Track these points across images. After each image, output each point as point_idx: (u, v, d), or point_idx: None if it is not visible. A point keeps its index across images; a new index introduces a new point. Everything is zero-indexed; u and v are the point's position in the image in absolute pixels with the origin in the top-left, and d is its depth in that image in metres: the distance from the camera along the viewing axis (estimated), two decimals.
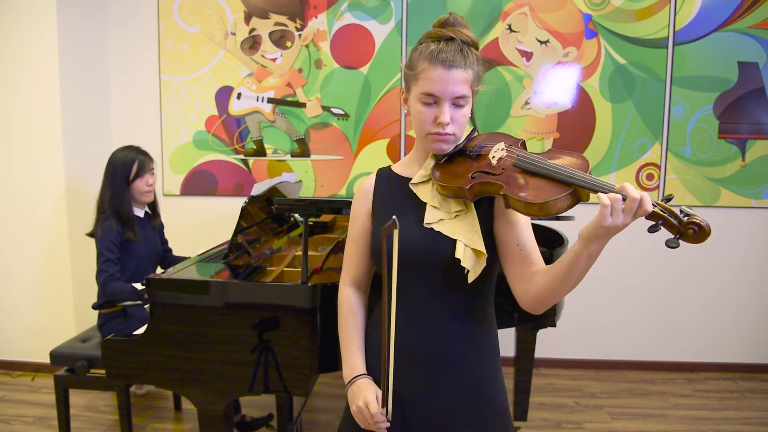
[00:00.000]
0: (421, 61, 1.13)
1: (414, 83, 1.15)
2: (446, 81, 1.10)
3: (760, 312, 3.28)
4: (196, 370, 1.74)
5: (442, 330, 1.15)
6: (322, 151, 3.32)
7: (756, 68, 3.09)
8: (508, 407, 1.25)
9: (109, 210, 2.38)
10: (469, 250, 1.10)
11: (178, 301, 1.74)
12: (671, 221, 0.92)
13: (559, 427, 2.66)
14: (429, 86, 1.11)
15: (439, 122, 1.12)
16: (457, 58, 1.11)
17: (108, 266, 2.28)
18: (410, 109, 1.18)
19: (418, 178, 1.20)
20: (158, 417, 2.72)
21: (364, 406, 1.12)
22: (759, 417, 2.77)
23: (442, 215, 1.14)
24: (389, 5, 3.18)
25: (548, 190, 1.00)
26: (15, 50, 2.98)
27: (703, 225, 0.92)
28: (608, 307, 3.34)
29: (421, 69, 1.13)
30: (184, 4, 3.26)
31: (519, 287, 1.12)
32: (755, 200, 3.18)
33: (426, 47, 1.14)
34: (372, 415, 1.11)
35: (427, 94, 1.12)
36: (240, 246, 2.15)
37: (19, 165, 3.05)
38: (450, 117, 1.12)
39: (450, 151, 1.18)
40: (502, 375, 1.25)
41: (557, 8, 3.11)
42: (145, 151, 2.50)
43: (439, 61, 1.10)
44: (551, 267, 1.05)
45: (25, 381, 3.10)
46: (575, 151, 1.14)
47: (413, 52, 1.17)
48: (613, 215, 0.90)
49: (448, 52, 1.11)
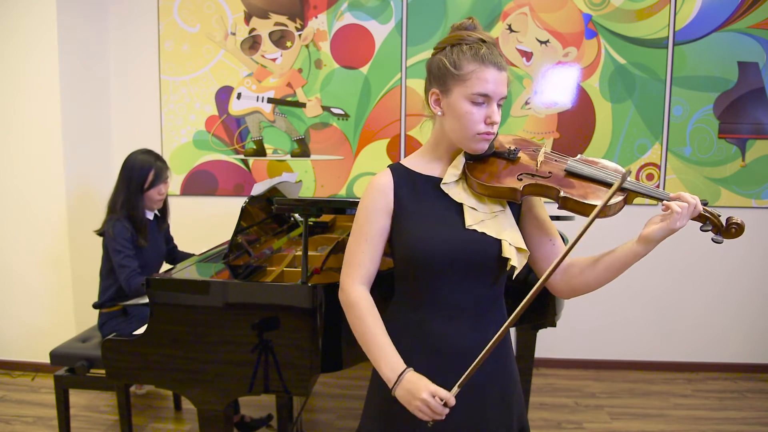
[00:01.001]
0: (470, 62, 1.15)
1: (460, 84, 1.16)
2: (498, 82, 1.15)
3: (760, 312, 3.27)
4: (196, 370, 1.74)
5: (476, 322, 1.20)
6: (322, 151, 3.32)
7: (756, 68, 3.09)
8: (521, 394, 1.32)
9: (122, 212, 2.36)
10: (514, 248, 1.16)
11: (178, 301, 1.74)
12: (716, 221, 1.10)
13: (559, 427, 2.66)
14: (482, 87, 1.14)
15: (491, 122, 1.16)
16: (502, 61, 1.18)
17: (128, 262, 2.28)
18: (452, 109, 1.18)
19: (450, 177, 1.21)
20: (158, 417, 2.72)
21: (431, 397, 1.09)
22: (759, 417, 2.77)
23: (482, 216, 1.18)
24: (389, 5, 3.18)
25: (604, 194, 1.11)
26: (15, 50, 2.98)
27: (740, 223, 1.09)
28: (608, 308, 3.34)
29: (471, 70, 1.15)
30: (184, 4, 3.26)
31: (557, 279, 1.22)
32: (755, 200, 3.18)
33: (470, 49, 1.16)
34: (445, 401, 1.10)
35: (481, 95, 1.15)
36: (240, 246, 2.15)
37: (19, 165, 3.05)
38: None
39: (488, 150, 1.22)
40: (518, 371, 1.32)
41: (557, 8, 3.12)
42: (162, 158, 2.49)
43: (492, 63, 1.15)
44: (600, 261, 1.16)
45: (25, 381, 3.10)
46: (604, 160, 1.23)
47: (451, 54, 1.18)
48: (681, 219, 1.07)
49: (495, 55, 1.16)
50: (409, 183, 1.24)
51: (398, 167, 1.27)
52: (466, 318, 1.20)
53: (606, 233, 2.61)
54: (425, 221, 1.20)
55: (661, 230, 1.09)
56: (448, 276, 1.18)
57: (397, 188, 1.24)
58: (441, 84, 1.19)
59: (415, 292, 1.23)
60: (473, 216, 1.18)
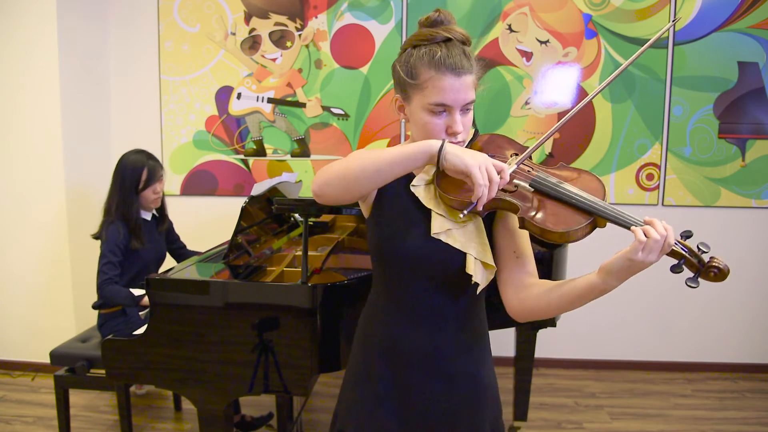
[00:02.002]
0: (426, 68, 1.05)
1: (418, 92, 1.07)
2: (458, 89, 1.04)
3: (760, 312, 3.27)
4: (196, 370, 1.74)
5: (445, 334, 1.14)
6: (322, 151, 3.32)
7: (756, 68, 3.09)
8: (501, 410, 1.24)
9: (116, 215, 2.35)
10: (479, 263, 1.07)
11: (178, 301, 1.74)
12: (692, 261, 0.93)
13: (559, 427, 2.66)
14: (440, 96, 1.04)
15: (452, 132, 1.07)
16: (464, 63, 1.05)
17: (108, 269, 2.25)
18: (413, 118, 1.10)
19: (419, 180, 1.13)
20: (158, 417, 2.72)
21: (488, 160, 0.98)
22: (759, 417, 2.77)
23: (449, 224, 1.08)
24: (389, 5, 3.18)
25: (568, 218, 0.98)
26: (15, 50, 2.98)
27: (722, 268, 0.93)
28: (608, 308, 3.33)
29: (427, 78, 1.05)
30: (184, 4, 3.26)
31: (511, 294, 1.10)
32: (755, 200, 3.18)
33: (427, 53, 1.05)
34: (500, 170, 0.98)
35: (438, 105, 1.05)
36: (240, 246, 2.15)
37: (20, 165, 3.05)
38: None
39: None
40: (495, 376, 1.24)
41: (557, 8, 3.11)
42: (155, 156, 2.48)
43: (448, 69, 1.03)
44: (557, 287, 1.02)
45: (25, 381, 3.10)
46: (586, 171, 1.08)
47: (410, 58, 1.08)
48: (644, 251, 0.89)
49: (454, 56, 1.04)
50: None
51: None
52: (427, 325, 1.13)
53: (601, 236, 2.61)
54: (394, 222, 1.13)
55: (619, 260, 0.91)
56: (412, 280, 1.12)
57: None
58: (401, 91, 1.11)
59: (383, 287, 1.19)
60: (440, 224, 1.08)
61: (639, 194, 3.18)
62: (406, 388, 1.15)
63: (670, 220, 0.96)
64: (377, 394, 1.17)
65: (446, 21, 1.11)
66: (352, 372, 1.24)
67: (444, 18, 1.11)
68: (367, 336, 1.22)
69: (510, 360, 2.76)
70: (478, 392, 1.17)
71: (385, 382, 1.16)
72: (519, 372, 2.60)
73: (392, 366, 1.16)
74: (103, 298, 2.28)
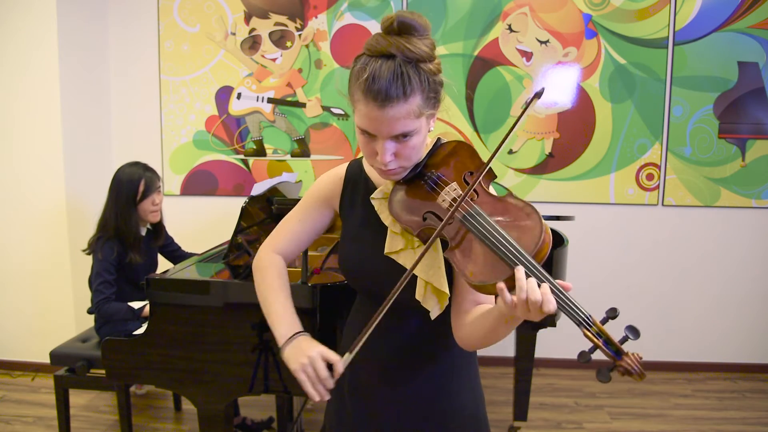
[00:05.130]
0: (354, 88, 0.92)
1: (354, 108, 0.96)
2: (380, 121, 0.90)
3: (760, 312, 3.27)
4: (196, 370, 1.74)
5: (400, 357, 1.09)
6: (322, 151, 3.32)
7: (756, 68, 3.09)
8: (484, 415, 1.17)
9: (113, 230, 2.31)
10: (431, 288, 0.98)
11: (178, 301, 1.74)
12: (606, 350, 0.82)
13: (559, 427, 2.66)
14: (363, 122, 0.92)
15: (379, 162, 0.95)
16: (393, 90, 0.87)
17: (105, 288, 2.22)
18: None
19: (378, 193, 1.05)
20: (158, 417, 2.72)
21: (319, 358, 0.95)
22: (759, 417, 2.77)
23: (402, 245, 1.00)
24: (389, 5, 3.18)
25: (489, 268, 0.86)
26: (15, 50, 2.98)
27: (633, 372, 0.81)
28: (608, 308, 3.33)
29: (356, 99, 0.92)
30: (184, 4, 3.26)
31: (454, 320, 1.02)
32: (755, 200, 3.18)
33: (360, 69, 0.90)
34: (332, 363, 0.95)
35: (362, 130, 0.94)
36: (240, 246, 2.15)
37: (20, 164, 3.05)
38: (394, 152, 0.94)
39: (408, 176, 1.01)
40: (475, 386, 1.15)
41: (557, 8, 3.11)
42: (152, 168, 2.44)
43: (371, 96, 0.88)
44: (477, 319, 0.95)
45: (25, 381, 3.10)
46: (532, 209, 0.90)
47: (352, 68, 0.95)
48: (517, 309, 0.81)
49: (382, 80, 0.87)
50: (357, 184, 1.12)
51: (356, 166, 1.15)
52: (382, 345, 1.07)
53: (601, 236, 2.61)
54: (353, 235, 1.09)
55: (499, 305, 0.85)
56: (369, 296, 1.08)
57: (346, 187, 1.13)
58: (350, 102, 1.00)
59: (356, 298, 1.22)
60: (393, 243, 1.00)
61: (639, 194, 3.18)
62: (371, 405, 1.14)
63: (670, 220, 0.95)
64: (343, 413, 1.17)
65: (403, 29, 0.90)
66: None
67: (401, 24, 0.89)
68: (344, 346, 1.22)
69: (510, 360, 2.76)
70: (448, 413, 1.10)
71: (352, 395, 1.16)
72: (519, 372, 2.60)
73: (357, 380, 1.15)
74: (102, 318, 2.27)
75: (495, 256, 0.85)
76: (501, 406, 2.81)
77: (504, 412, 2.75)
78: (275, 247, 1.17)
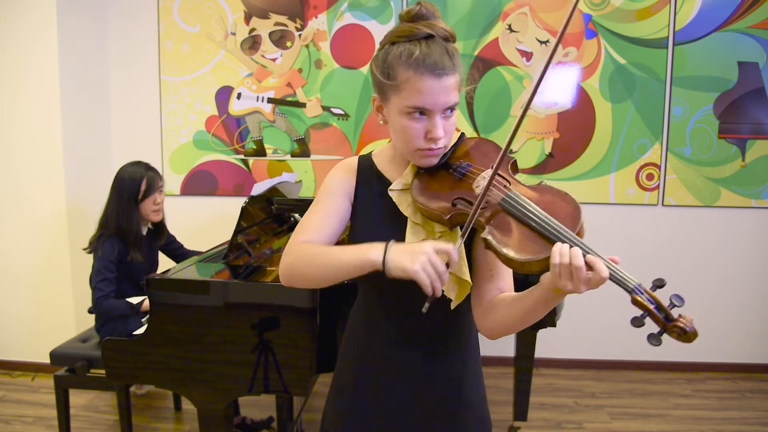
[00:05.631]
0: (403, 68, 0.96)
1: (395, 94, 0.99)
2: (437, 92, 0.95)
3: (760, 312, 3.27)
4: (196, 370, 1.74)
5: (428, 347, 1.10)
6: (322, 151, 3.32)
7: (756, 68, 3.09)
8: (488, 414, 1.19)
9: (114, 229, 2.32)
10: (453, 277, 1.00)
11: (178, 301, 1.74)
12: (657, 316, 0.86)
13: (559, 427, 2.66)
14: (418, 99, 0.96)
15: (431, 137, 0.99)
16: (446, 62, 0.96)
17: (105, 285, 2.23)
18: (391, 120, 1.03)
19: (397, 185, 1.07)
20: (158, 417, 2.72)
21: (432, 250, 0.89)
22: (759, 417, 2.77)
23: (424, 235, 1.02)
24: (389, 5, 3.18)
25: (532, 245, 0.89)
26: (15, 50, 2.98)
27: (688, 331, 0.85)
28: (608, 307, 3.33)
29: (405, 79, 0.96)
30: (184, 4, 3.26)
31: (478, 310, 1.05)
32: (755, 200, 3.18)
33: (405, 51, 0.96)
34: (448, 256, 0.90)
35: (416, 108, 0.97)
36: (240, 246, 2.15)
37: (20, 164, 3.05)
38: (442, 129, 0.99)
39: (440, 161, 1.05)
40: (482, 381, 1.18)
41: (557, 8, 3.11)
42: (154, 167, 2.45)
43: (427, 69, 0.94)
44: (513, 301, 0.97)
45: (25, 381, 3.10)
46: (566, 193, 0.96)
47: (387, 56, 0.99)
48: (562, 278, 0.84)
49: (434, 55, 0.95)
50: (369, 180, 1.12)
51: (366, 160, 1.15)
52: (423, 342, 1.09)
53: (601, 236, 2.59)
54: (370, 228, 1.08)
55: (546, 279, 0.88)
56: (386, 290, 1.06)
57: (359, 181, 1.12)
58: (379, 91, 1.03)
59: (363, 294, 1.17)
60: (415, 233, 1.02)
61: (639, 194, 3.18)
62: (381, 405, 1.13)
63: (670, 220, 0.96)
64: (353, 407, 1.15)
65: (429, 15, 1.00)
66: (335, 380, 1.22)
67: (427, 12, 1.00)
68: (348, 346, 1.20)
69: (510, 360, 2.76)
70: (457, 412, 1.12)
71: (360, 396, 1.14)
72: (519, 372, 2.60)
73: (367, 379, 1.14)
74: (101, 315, 2.27)
75: (536, 234, 0.89)
76: (501, 406, 2.81)
77: (504, 412, 2.75)
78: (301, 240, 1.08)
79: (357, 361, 1.16)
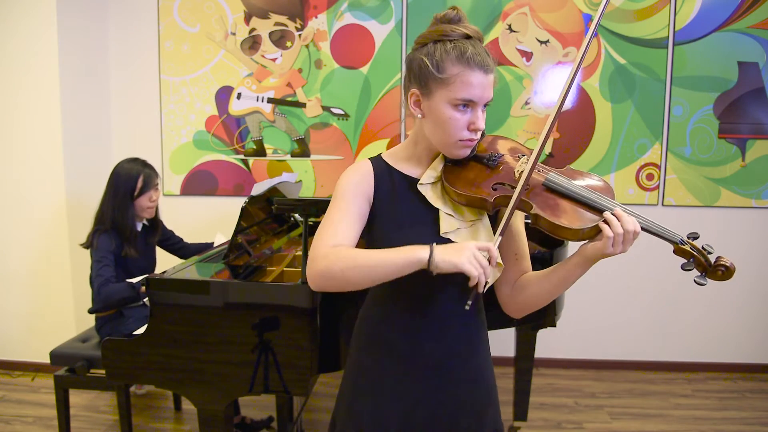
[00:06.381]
0: (454, 63, 1.06)
1: (442, 87, 1.07)
2: (485, 86, 1.08)
3: (760, 312, 3.27)
4: (196, 370, 1.74)
5: (455, 334, 1.15)
6: (322, 151, 3.32)
7: (756, 68, 3.09)
8: (499, 409, 1.27)
9: (110, 223, 2.33)
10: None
11: (178, 301, 1.74)
12: (701, 260, 1.03)
13: (559, 427, 2.66)
14: (467, 92, 1.06)
15: (474, 128, 1.08)
16: (489, 61, 1.08)
17: (105, 271, 2.23)
18: (433, 112, 1.09)
19: (427, 178, 1.13)
20: (158, 417, 2.72)
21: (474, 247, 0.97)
22: (759, 417, 2.77)
23: (458, 224, 1.10)
24: (389, 5, 3.18)
25: (582, 215, 1.04)
26: (15, 50, 2.98)
27: (729, 266, 1.02)
28: (608, 308, 3.34)
29: (455, 72, 1.06)
30: (184, 4, 3.26)
31: (505, 292, 1.17)
32: (755, 200, 3.18)
33: (455, 48, 1.06)
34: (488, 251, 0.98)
35: (465, 100, 1.06)
36: (240, 246, 2.15)
37: (20, 164, 3.06)
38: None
39: (468, 154, 1.13)
40: (494, 377, 1.26)
41: (557, 8, 3.12)
42: (151, 165, 2.45)
43: (478, 66, 1.06)
44: (543, 277, 1.10)
45: (25, 381, 3.10)
46: (591, 173, 1.15)
47: (435, 52, 1.08)
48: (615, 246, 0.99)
49: (482, 55, 1.07)
50: (388, 179, 1.16)
51: (379, 161, 1.19)
52: (450, 329, 1.14)
53: None
54: (400, 224, 1.12)
55: (593, 249, 1.02)
56: (420, 281, 1.07)
57: (378, 183, 1.15)
58: (422, 85, 1.10)
59: (390, 288, 1.15)
60: (449, 223, 1.10)
61: (639, 194, 3.18)
62: (412, 392, 1.14)
63: (669, 220, 1.00)
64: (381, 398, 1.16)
65: (463, 19, 1.13)
66: (353, 374, 1.22)
67: (461, 16, 1.13)
68: (371, 338, 1.20)
69: (510, 360, 2.76)
70: (483, 396, 1.19)
71: (390, 385, 1.15)
72: (519, 372, 2.60)
73: (398, 369, 1.15)
74: (103, 300, 2.26)
75: (584, 207, 1.05)
76: (501, 406, 2.80)
77: (504, 412, 2.74)
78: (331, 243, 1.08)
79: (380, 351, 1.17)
